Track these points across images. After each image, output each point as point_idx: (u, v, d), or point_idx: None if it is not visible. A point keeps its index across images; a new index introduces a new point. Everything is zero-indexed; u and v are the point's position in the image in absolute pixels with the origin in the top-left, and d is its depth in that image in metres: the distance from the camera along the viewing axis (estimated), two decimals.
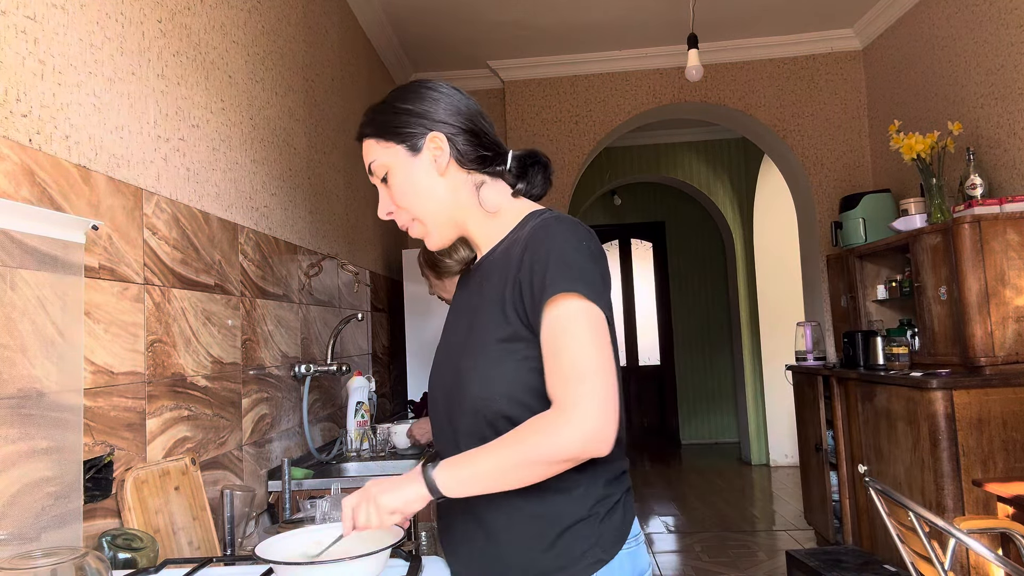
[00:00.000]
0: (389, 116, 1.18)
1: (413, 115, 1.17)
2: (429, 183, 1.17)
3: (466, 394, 1.11)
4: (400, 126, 1.17)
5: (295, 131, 2.80)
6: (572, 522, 1.08)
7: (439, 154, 1.17)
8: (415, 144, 1.17)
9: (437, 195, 1.18)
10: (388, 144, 1.18)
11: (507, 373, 1.08)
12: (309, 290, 2.84)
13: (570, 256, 1.07)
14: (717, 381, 8.04)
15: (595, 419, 0.99)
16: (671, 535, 4.71)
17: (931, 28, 3.98)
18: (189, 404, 1.83)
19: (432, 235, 1.21)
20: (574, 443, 0.99)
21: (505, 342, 1.09)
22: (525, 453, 1.00)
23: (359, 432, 2.85)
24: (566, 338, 1.03)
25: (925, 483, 3.01)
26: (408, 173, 1.17)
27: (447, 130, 1.17)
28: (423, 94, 1.19)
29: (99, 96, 1.54)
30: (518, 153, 1.24)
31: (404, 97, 1.19)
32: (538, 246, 1.08)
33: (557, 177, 4.88)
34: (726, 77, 4.86)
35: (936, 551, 1.89)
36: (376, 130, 1.19)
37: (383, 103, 1.21)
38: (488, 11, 4.15)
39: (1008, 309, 3.05)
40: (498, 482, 1.03)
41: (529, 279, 1.07)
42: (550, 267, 1.05)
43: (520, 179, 1.23)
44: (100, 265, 1.49)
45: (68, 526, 1.27)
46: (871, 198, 4.14)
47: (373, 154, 1.20)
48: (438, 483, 1.03)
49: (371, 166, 1.20)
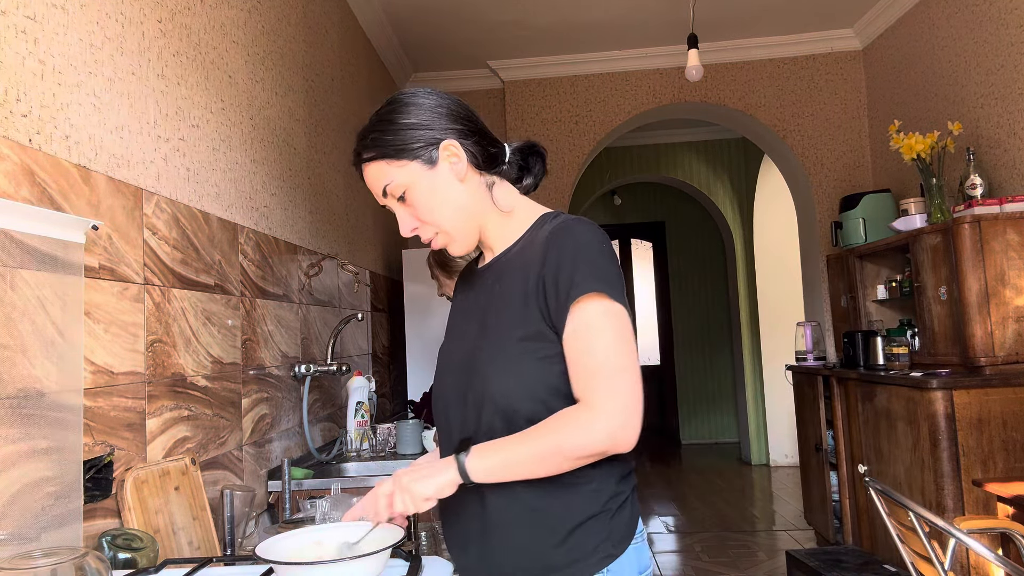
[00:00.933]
0: (394, 135, 1.14)
1: (420, 128, 1.14)
2: (452, 193, 1.16)
3: (484, 393, 1.11)
4: (410, 142, 1.14)
5: (295, 131, 2.80)
6: (585, 518, 1.10)
7: (455, 161, 1.15)
8: (430, 157, 1.14)
9: (461, 203, 1.16)
10: (402, 163, 1.14)
11: (528, 371, 1.09)
12: (309, 290, 2.84)
13: (595, 257, 1.09)
14: (717, 381, 8.04)
15: (622, 415, 1.02)
16: (671, 535, 4.71)
17: (931, 28, 3.98)
18: (189, 404, 1.83)
19: (458, 242, 1.19)
20: (603, 439, 1.02)
21: (525, 341, 1.10)
22: (554, 446, 1.03)
23: (359, 432, 2.85)
24: (593, 337, 1.05)
25: (925, 483, 3.01)
26: (430, 187, 1.14)
27: (456, 135, 1.16)
28: (420, 104, 1.16)
29: (99, 96, 1.54)
30: (518, 145, 1.24)
31: (400, 111, 1.15)
32: (563, 247, 1.10)
33: (557, 177, 4.88)
34: (726, 77, 4.86)
35: (936, 551, 1.89)
36: (384, 151, 1.14)
37: (381, 122, 1.16)
38: (488, 11, 4.15)
39: (1008, 309, 3.05)
40: (525, 471, 1.06)
41: (555, 279, 1.08)
42: (577, 268, 1.07)
43: (523, 172, 1.24)
44: (100, 265, 1.49)
45: (68, 526, 1.27)
46: (871, 198, 4.14)
47: (387, 176, 1.15)
48: (469, 470, 1.06)
49: (387, 188, 1.15)
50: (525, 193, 1.26)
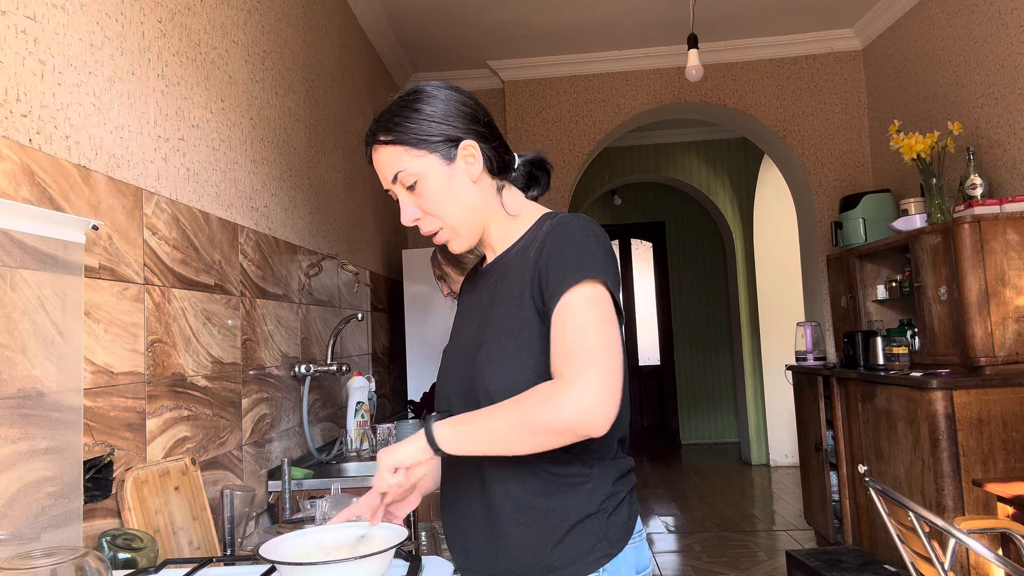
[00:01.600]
0: (417, 124, 1.15)
1: (444, 123, 1.15)
2: (464, 192, 1.17)
3: (482, 386, 1.12)
4: (433, 134, 1.14)
5: (295, 131, 2.80)
6: (582, 517, 1.10)
7: (472, 162, 1.17)
8: (448, 153, 1.15)
9: (471, 202, 1.18)
10: (420, 153, 1.14)
11: (523, 365, 1.10)
12: (309, 290, 2.84)
13: (590, 247, 1.10)
14: (717, 381, 8.03)
15: (594, 394, 0.99)
16: (671, 535, 4.71)
17: (931, 28, 3.98)
18: (189, 404, 1.83)
19: (461, 239, 1.21)
20: (570, 413, 0.98)
21: (523, 334, 1.11)
22: (522, 417, 1.01)
23: (359, 432, 2.85)
24: (572, 317, 1.05)
25: (925, 483, 3.01)
26: (443, 183, 1.16)
27: (477, 138, 1.17)
28: (446, 99, 1.17)
29: (99, 96, 1.54)
30: (528, 158, 1.27)
31: (428, 102, 1.16)
32: (558, 238, 1.11)
33: (557, 177, 4.88)
34: (726, 77, 4.86)
35: (936, 551, 1.89)
36: (403, 138, 1.15)
37: (405, 109, 1.16)
38: (488, 11, 4.15)
39: (1008, 309, 3.05)
40: (493, 444, 1.04)
41: (547, 270, 1.10)
42: (570, 256, 1.08)
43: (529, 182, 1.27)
44: (100, 265, 1.49)
45: (68, 526, 1.27)
46: (871, 198, 4.14)
47: (401, 162, 1.15)
48: (436, 436, 1.06)
49: (399, 175, 1.16)
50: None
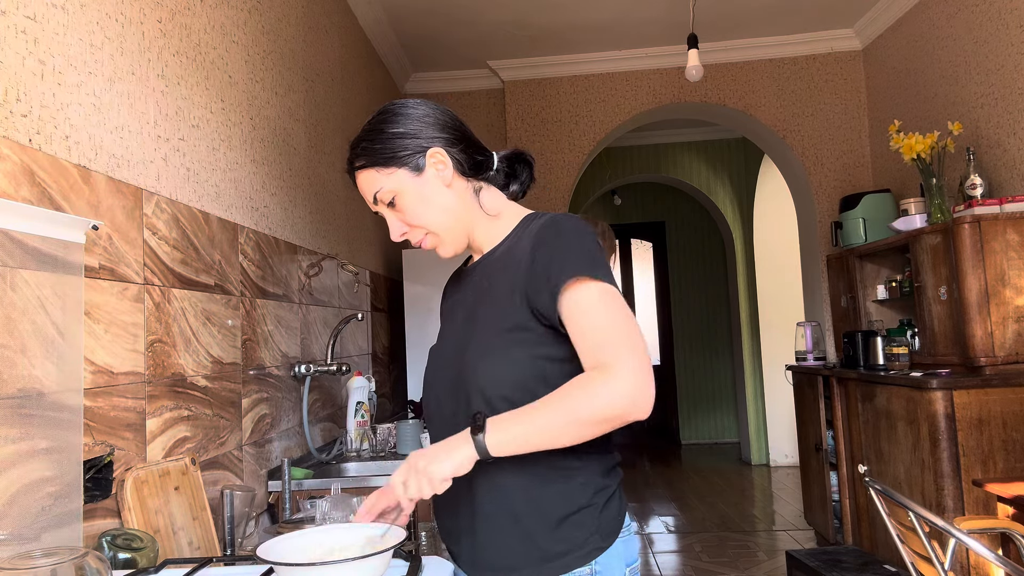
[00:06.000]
0: (383, 144, 1.20)
1: (407, 137, 1.20)
2: (438, 198, 1.21)
3: (473, 383, 1.13)
4: (398, 150, 1.19)
5: (295, 131, 2.80)
6: (575, 509, 1.12)
7: (441, 167, 1.21)
8: (417, 164, 1.19)
9: (448, 207, 1.22)
10: (390, 170, 1.19)
11: (515, 361, 1.12)
12: (309, 290, 2.84)
13: (585, 246, 1.12)
14: (717, 381, 8.03)
15: (641, 377, 1.01)
16: (671, 535, 4.71)
17: (931, 28, 3.97)
18: (189, 404, 1.83)
19: (446, 245, 1.25)
20: (622, 399, 1.01)
21: (512, 332, 1.13)
22: (573, 411, 1.02)
23: (359, 432, 2.85)
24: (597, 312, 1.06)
25: (925, 483, 3.01)
26: (417, 193, 1.20)
27: (442, 144, 1.21)
28: (408, 114, 1.21)
29: (99, 96, 1.54)
30: (505, 153, 1.30)
31: (390, 121, 1.21)
32: (551, 239, 1.14)
33: (557, 177, 4.88)
34: (726, 77, 4.86)
35: (936, 551, 1.89)
36: (373, 160, 1.20)
37: (371, 132, 1.22)
38: (488, 11, 4.15)
39: (1008, 309, 3.05)
40: (544, 440, 1.04)
41: (545, 269, 1.11)
42: (568, 256, 1.10)
43: (510, 179, 1.30)
44: (100, 265, 1.49)
45: (68, 526, 1.27)
46: (871, 198, 4.14)
47: (376, 183, 1.20)
48: (488, 444, 1.05)
49: (377, 195, 1.21)
50: (513, 199, 1.32)
